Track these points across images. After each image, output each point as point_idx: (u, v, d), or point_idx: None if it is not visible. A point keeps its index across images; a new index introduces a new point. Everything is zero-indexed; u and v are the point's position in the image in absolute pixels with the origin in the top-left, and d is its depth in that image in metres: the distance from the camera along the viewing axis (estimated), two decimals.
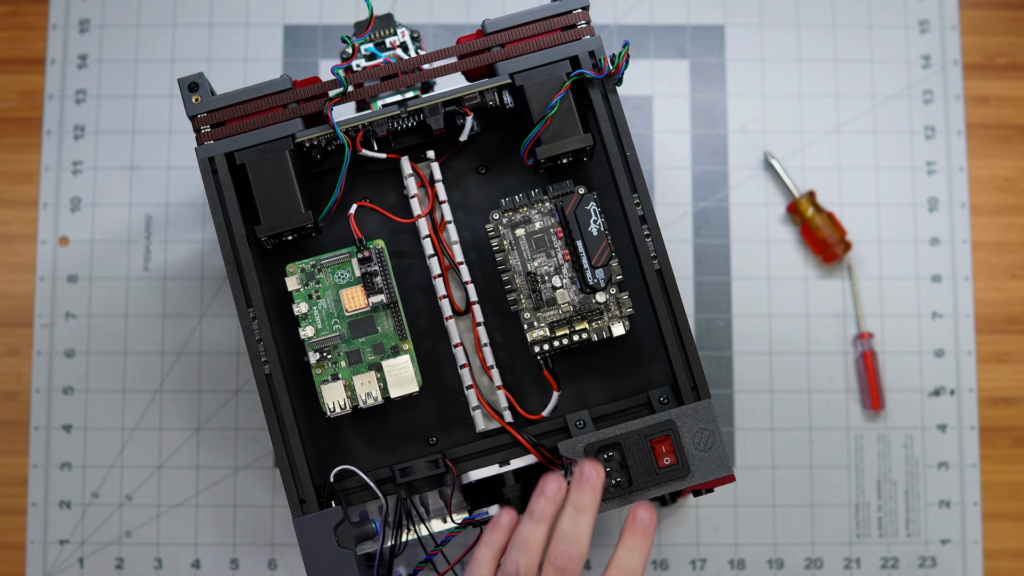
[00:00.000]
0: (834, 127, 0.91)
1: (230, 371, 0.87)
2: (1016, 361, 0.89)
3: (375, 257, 0.69)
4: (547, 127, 0.68)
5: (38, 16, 0.92)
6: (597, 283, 0.67)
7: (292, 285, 0.69)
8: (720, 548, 0.87)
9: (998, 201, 0.91)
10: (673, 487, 0.65)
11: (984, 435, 0.89)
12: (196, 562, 0.86)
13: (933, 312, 0.89)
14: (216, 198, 0.68)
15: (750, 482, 0.87)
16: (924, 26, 0.92)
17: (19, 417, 0.88)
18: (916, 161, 0.91)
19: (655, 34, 0.92)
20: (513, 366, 0.71)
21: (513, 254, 0.69)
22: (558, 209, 0.69)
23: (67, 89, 0.91)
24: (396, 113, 0.69)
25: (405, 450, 0.70)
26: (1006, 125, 0.92)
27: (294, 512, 0.66)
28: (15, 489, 0.87)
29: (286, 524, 0.86)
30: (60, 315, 0.88)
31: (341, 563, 0.64)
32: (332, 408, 0.68)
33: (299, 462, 0.66)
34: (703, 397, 0.67)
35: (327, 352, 0.69)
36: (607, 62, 0.68)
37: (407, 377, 0.68)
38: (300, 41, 0.91)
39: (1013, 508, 0.88)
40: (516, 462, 0.68)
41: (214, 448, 0.87)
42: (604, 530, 0.87)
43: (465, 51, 0.70)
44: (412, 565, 0.69)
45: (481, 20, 0.71)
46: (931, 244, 0.90)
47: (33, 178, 0.90)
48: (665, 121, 0.91)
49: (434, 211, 0.71)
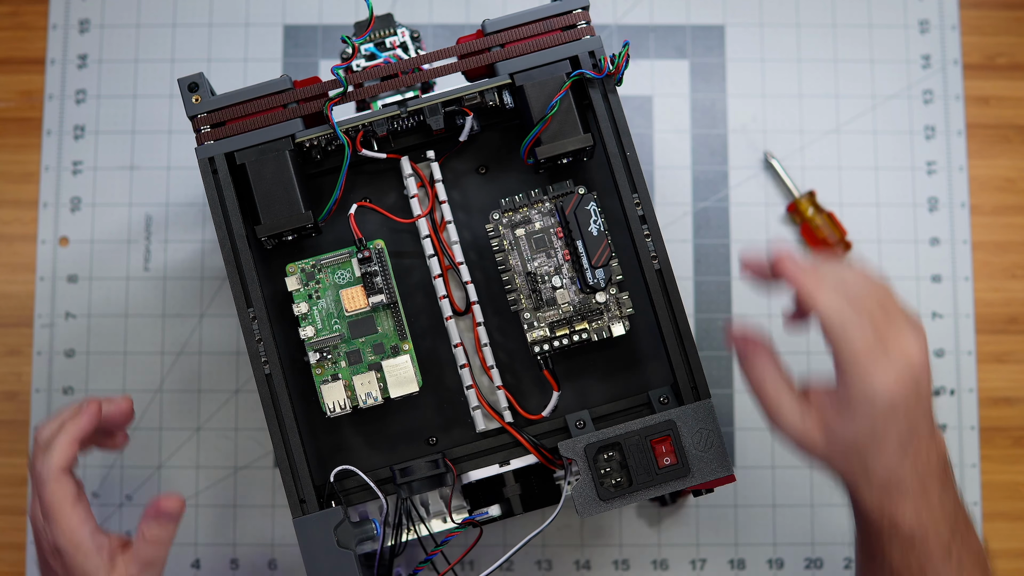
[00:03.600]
0: (834, 127, 0.91)
1: (230, 371, 0.87)
2: (1016, 361, 0.89)
3: (375, 257, 0.69)
4: (547, 127, 0.68)
5: (38, 16, 0.92)
6: (597, 283, 0.67)
7: (292, 285, 0.69)
8: (720, 548, 0.87)
9: (998, 201, 0.91)
10: (673, 487, 0.65)
11: (984, 435, 0.89)
12: (196, 562, 0.86)
13: (933, 312, 0.89)
14: (216, 198, 0.68)
15: (750, 482, 0.87)
16: (924, 26, 0.92)
17: (19, 417, 0.88)
18: (916, 161, 0.91)
19: (655, 34, 0.92)
20: (513, 366, 0.71)
21: (513, 254, 0.69)
22: (558, 209, 0.69)
23: (67, 89, 0.91)
24: (396, 113, 0.69)
25: (405, 450, 0.70)
26: (1006, 125, 0.92)
27: (294, 512, 0.66)
28: (15, 489, 0.87)
29: (286, 524, 0.86)
30: (60, 315, 0.88)
31: (341, 563, 0.64)
32: (332, 408, 0.68)
33: (299, 462, 0.66)
34: (703, 397, 0.67)
35: (327, 352, 0.69)
36: (607, 62, 0.68)
37: (407, 377, 0.68)
38: (300, 41, 0.91)
39: (1013, 508, 0.88)
40: (516, 462, 0.68)
41: (214, 448, 0.87)
42: (603, 530, 0.87)
43: (465, 51, 0.70)
44: (412, 565, 0.69)
45: (481, 20, 0.71)
46: (931, 244, 0.90)
47: (33, 178, 0.90)
48: (665, 121, 0.91)
49: (434, 211, 0.71)
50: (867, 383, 0.60)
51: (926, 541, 0.62)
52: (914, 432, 0.61)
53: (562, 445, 0.65)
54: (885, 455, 0.61)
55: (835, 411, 0.61)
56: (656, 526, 0.87)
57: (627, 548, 0.87)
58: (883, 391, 0.59)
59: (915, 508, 0.61)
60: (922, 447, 0.61)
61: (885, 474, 0.61)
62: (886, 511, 0.62)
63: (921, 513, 0.61)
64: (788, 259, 0.63)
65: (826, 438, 0.62)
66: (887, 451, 0.61)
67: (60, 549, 0.68)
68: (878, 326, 0.61)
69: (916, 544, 0.62)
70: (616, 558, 0.86)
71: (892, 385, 0.59)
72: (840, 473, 0.63)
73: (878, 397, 0.59)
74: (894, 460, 0.61)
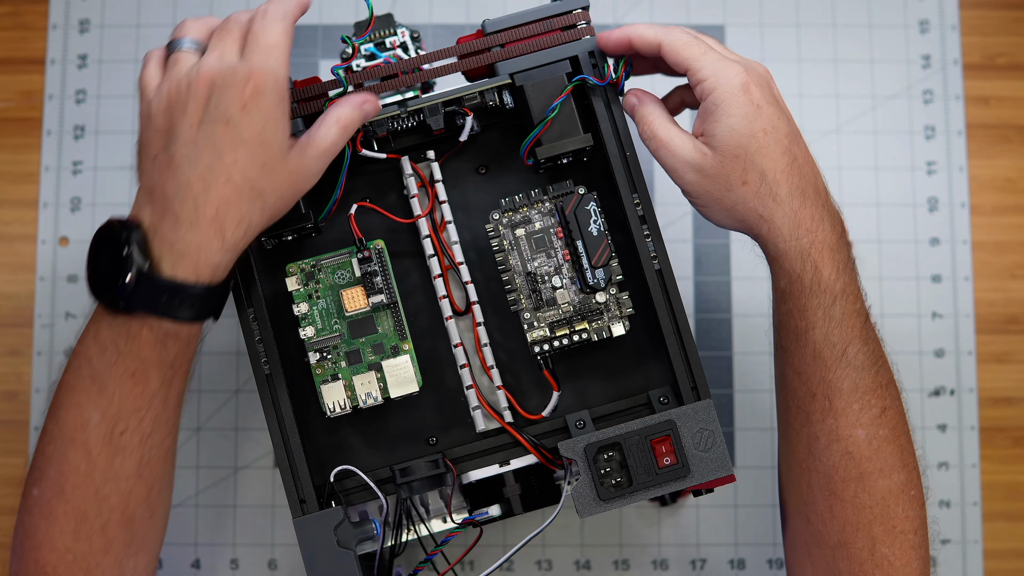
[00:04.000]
0: (834, 127, 0.91)
1: (230, 371, 0.87)
2: (1016, 361, 0.89)
3: (375, 257, 0.69)
4: (547, 128, 0.68)
5: (38, 16, 0.92)
6: (597, 283, 0.67)
7: (292, 285, 0.69)
8: (720, 548, 0.87)
9: (998, 201, 0.91)
10: (673, 487, 0.65)
11: (984, 435, 0.89)
12: (196, 562, 0.86)
13: (933, 312, 0.89)
14: None
15: (750, 482, 0.87)
16: (924, 26, 0.92)
17: (19, 417, 0.88)
18: (916, 161, 0.91)
19: None
20: (513, 366, 0.71)
21: (513, 254, 0.69)
22: (558, 209, 0.69)
23: (67, 89, 0.91)
24: (396, 113, 0.69)
25: (405, 450, 0.70)
26: (1006, 125, 0.92)
27: (294, 512, 0.66)
28: (15, 489, 0.87)
29: (286, 524, 0.86)
30: (60, 315, 0.88)
31: (341, 563, 0.64)
32: (332, 408, 0.68)
33: (299, 462, 0.66)
34: (703, 397, 0.67)
35: (327, 352, 0.69)
36: (610, 70, 0.68)
37: (407, 377, 0.68)
38: (300, 41, 0.91)
39: (1013, 508, 0.88)
40: (516, 462, 0.68)
41: (214, 448, 0.87)
42: (603, 530, 0.87)
43: (465, 51, 0.70)
44: (412, 565, 0.69)
45: (481, 20, 0.71)
46: (931, 244, 0.90)
47: (33, 178, 0.90)
48: None
49: (434, 211, 0.71)
50: (725, 82, 0.66)
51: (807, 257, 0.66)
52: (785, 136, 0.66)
53: (562, 445, 0.65)
54: (767, 156, 0.65)
55: (711, 123, 0.66)
56: (656, 526, 0.87)
57: (627, 548, 0.87)
58: (737, 82, 0.66)
59: (813, 221, 0.66)
60: (799, 153, 0.67)
61: (770, 172, 0.65)
62: (765, 216, 0.66)
63: (819, 230, 0.66)
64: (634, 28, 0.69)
65: (712, 149, 0.66)
66: (768, 152, 0.65)
67: (262, 91, 0.61)
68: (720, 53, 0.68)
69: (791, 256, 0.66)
70: (616, 558, 0.86)
71: (743, 76, 0.66)
72: (729, 183, 0.66)
73: (736, 91, 0.66)
74: (774, 158, 0.65)
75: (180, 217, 0.61)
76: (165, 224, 0.62)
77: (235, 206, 0.61)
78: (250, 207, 0.62)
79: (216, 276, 0.63)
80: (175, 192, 0.61)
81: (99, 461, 0.63)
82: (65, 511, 0.63)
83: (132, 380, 0.63)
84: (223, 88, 0.62)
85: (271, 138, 0.62)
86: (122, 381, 0.63)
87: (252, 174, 0.61)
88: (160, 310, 0.62)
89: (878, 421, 0.66)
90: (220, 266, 0.63)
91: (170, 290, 0.61)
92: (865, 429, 0.65)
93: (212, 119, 0.61)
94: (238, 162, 0.61)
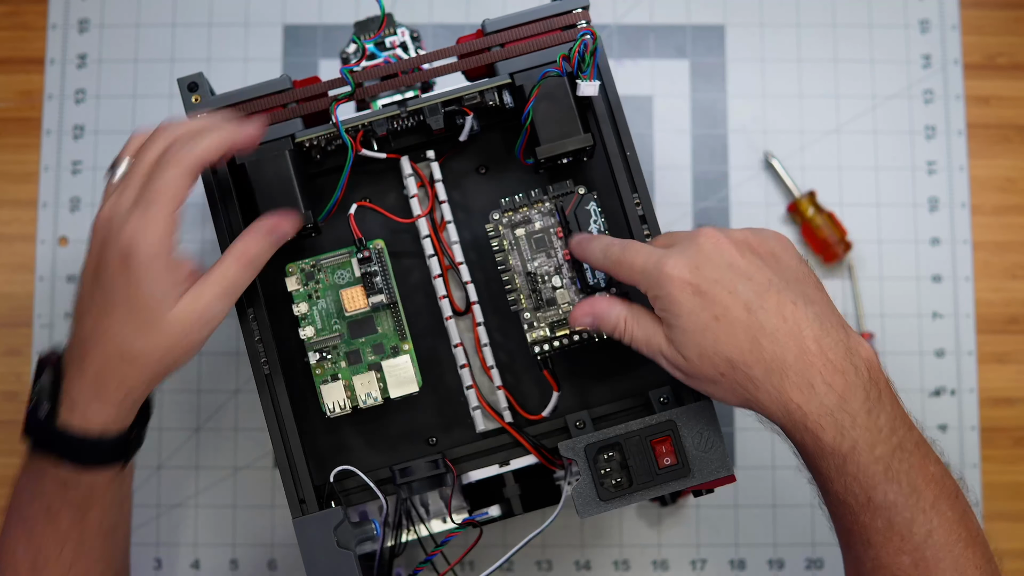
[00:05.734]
0: (834, 127, 0.91)
1: (230, 371, 0.87)
2: (1017, 361, 0.89)
3: (375, 257, 0.69)
4: (547, 128, 0.68)
5: (37, 16, 0.92)
6: (597, 283, 0.67)
7: (292, 285, 0.69)
8: (720, 548, 0.87)
9: (998, 201, 0.91)
10: (673, 487, 0.65)
11: (985, 435, 0.88)
12: (196, 562, 0.86)
13: (933, 312, 0.89)
14: (216, 198, 0.68)
15: (750, 482, 0.87)
16: (924, 26, 0.92)
17: (19, 417, 0.87)
18: (916, 161, 0.91)
19: (655, 34, 0.92)
20: (513, 366, 0.71)
21: (513, 254, 0.69)
22: (558, 209, 0.69)
23: (66, 89, 0.91)
24: (396, 113, 0.69)
25: (405, 450, 0.70)
26: (1006, 125, 0.92)
27: (294, 512, 0.66)
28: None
29: (286, 524, 0.86)
30: (60, 315, 0.88)
31: (341, 563, 0.64)
32: (332, 408, 0.68)
33: (299, 462, 0.66)
34: (703, 397, 0.66)
35: (327, 352, 0.69)
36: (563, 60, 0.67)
37: (407, 377, 0.68)
38: (300, 41, 0.91)
39: (1013, 508, 0.88)
40: (516, 462, 0.68)
41: (214, 448, 0.87)
42: (603, 530, 0.87)
43: (465, 51, 0.70)
44: (412, 565, 0.69)
45: (481, 20, 0.70)
46: (931, 244, 0.90)
47: (32, 178, 0.90)
48: (665, 121, 0.91)
49: (434, 211, 0.71)
50: (665, 287, 0.61)
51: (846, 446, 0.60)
52: (743, 309, 0.60)
53: (562, 445, 0.65)
54: (726, 344, 0.60)
55: (667, 329, 0.62)
56: (656, 526, 0.87)
57: (627, 548, 0.87)
58: (674, 283, 0.60)
59: (801, 393, 0.60)
60: (766, 320, 0.60)
61: (737, 358, 0.60)
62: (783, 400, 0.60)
63: (810, 400, 0.59)
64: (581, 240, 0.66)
65: (681, 355, 0.62)
66: (726, 339, 0.60)
67: (132, 252, 0.59)
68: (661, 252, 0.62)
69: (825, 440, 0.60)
70: (616, 558, 0.86)
71: (676, 272, 0.61)
72: (711, 378, 0.62)
73: (674, 293, 0.60)
74: (734, 344, 0.60)
75: (73, 368, 0.62)
76: (70, 370, 0.63)
77: (112, 371, 0.61)
78: (126, 373, 0.61)
79: (108, 430, 0.63)
80: (74, 343, 0.63)
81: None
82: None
83: (46, 517, 0.64)
84: (105, 244, 0.61)
85: (145, 301, 0.60)
86: (38, 517, 0.64)
87: (126, 340, 0.60)
88: (57, 454, 0.63)
89: (924, 544, 0.61)
90: (111, 420, 0.62)
91: (61, 437, 0.62)
92: (910, 555, 0.61)
93: (99, 274, 0.61)
94: (111, 328, 0.60)
